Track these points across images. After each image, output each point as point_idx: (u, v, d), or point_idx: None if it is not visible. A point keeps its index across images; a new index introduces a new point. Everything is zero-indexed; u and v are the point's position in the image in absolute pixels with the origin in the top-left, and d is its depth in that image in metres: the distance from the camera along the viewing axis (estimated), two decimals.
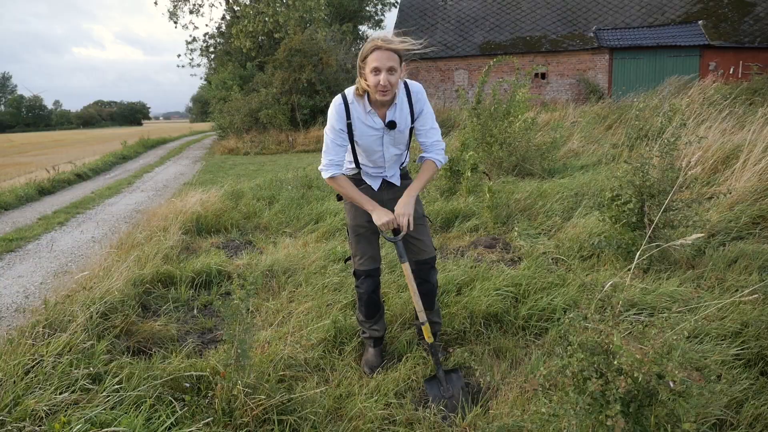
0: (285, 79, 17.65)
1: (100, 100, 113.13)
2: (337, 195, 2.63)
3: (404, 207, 2.34)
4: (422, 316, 2.43)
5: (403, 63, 2.24)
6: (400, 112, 2.37)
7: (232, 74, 21.81)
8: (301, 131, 17.13)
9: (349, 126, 2.34)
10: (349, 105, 2.33)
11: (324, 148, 2.39)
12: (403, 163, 2.60)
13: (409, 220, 2.32)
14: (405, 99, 2.39)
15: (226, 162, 13.74)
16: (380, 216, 2.33)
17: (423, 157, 2.48)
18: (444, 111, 14.94)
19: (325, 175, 2.39)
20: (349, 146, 2.42)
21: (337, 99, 2.35)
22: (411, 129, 2.46)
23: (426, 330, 2.44)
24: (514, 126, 7.03)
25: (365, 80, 2.24)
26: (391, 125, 2.35)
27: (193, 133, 35.69)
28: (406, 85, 2.40)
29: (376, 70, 2.17)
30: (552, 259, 3.85)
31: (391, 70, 2.18)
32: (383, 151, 2.43)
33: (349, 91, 2.35)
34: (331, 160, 2.36)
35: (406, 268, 2.40)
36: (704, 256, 3.62)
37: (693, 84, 11.11)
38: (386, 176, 2.54)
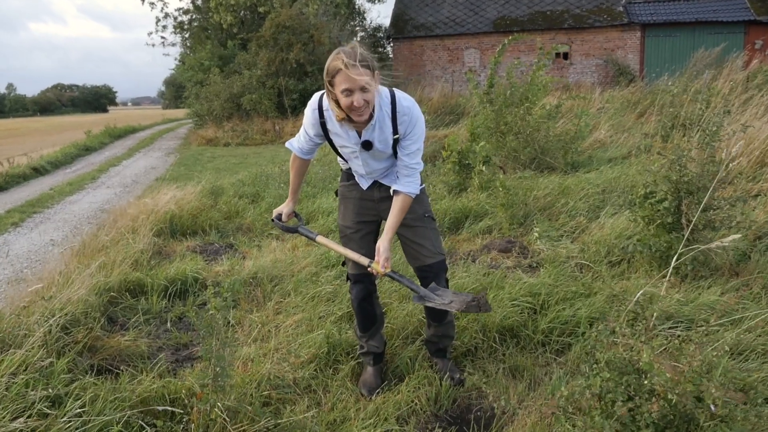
0: (271, 60, 17.63)
1: (60, 83, 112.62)
2: (335, 191, 2.71)
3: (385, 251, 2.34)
4: (363, 260, 2.41)
5: (376, 72, 2.17)
6: (379, 132, 2.32)
7: (211, 54, 21.77)
8: (290, 119, 17.09)
9: (326, 129, 2.39)
10: (324, 112, 2.35)
11: (299, 132, 2.54)
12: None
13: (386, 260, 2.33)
14: (388, 116, 2.30)
15: (204, 154, 13.75)
16: (278, 208, 2.70)
17: (395, 190, 2.40)
18: (452, 96, 14.94)
19: (288, 147, 2.60)
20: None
21: (313, 102, 2.37)
22: (396, 141, 2.37)
23: (375, 266, 2.34)
24: (532, 113, 7.03)
25: (336, 102, 2.19)
26: (366, 145, 2.34)
27: (167, 121, 35.71)
28: (393, 98, 2.31)
29: (348, 91, 2.13)
30: (576, 265, 3.86)
31: (364, 89, 2.13)
32: (362, 165, 2.46)
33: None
34: (301, 148, 2.55)
35: (321, 239, 2.55)
36: (750, 262, 3.62)
37: (729, 59, 11.01)
38: (377, 179, 2.54)
